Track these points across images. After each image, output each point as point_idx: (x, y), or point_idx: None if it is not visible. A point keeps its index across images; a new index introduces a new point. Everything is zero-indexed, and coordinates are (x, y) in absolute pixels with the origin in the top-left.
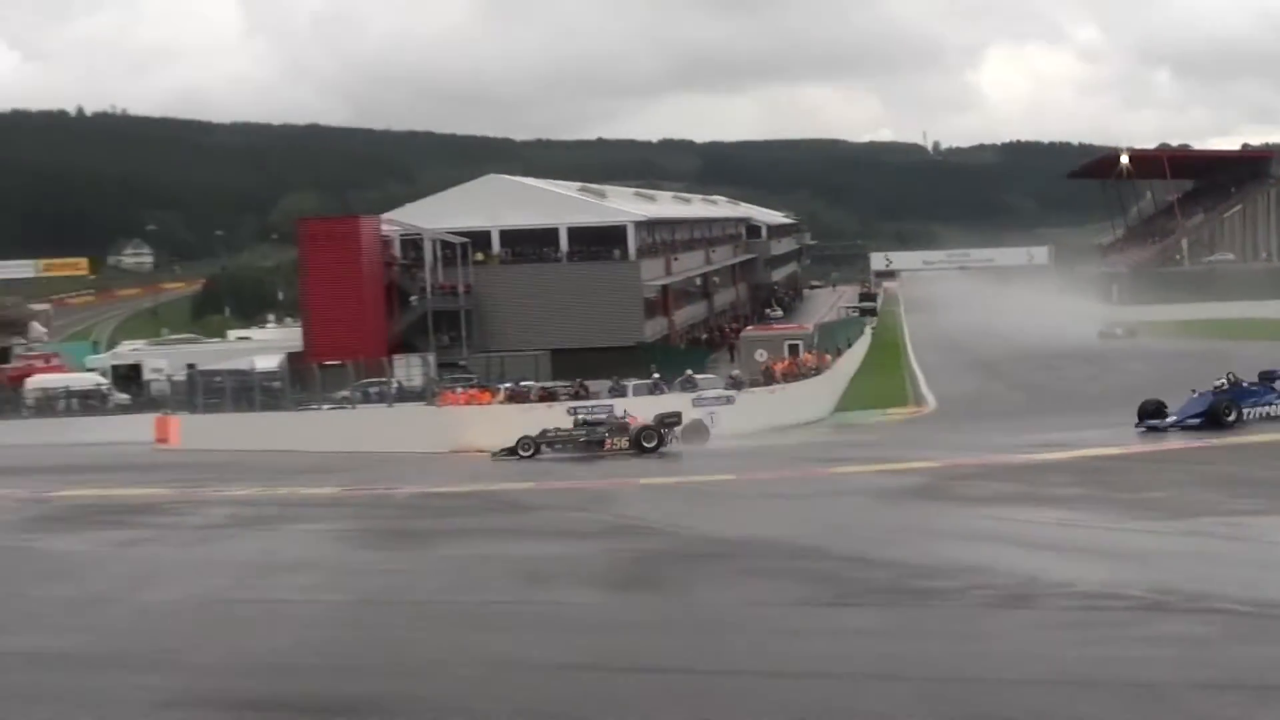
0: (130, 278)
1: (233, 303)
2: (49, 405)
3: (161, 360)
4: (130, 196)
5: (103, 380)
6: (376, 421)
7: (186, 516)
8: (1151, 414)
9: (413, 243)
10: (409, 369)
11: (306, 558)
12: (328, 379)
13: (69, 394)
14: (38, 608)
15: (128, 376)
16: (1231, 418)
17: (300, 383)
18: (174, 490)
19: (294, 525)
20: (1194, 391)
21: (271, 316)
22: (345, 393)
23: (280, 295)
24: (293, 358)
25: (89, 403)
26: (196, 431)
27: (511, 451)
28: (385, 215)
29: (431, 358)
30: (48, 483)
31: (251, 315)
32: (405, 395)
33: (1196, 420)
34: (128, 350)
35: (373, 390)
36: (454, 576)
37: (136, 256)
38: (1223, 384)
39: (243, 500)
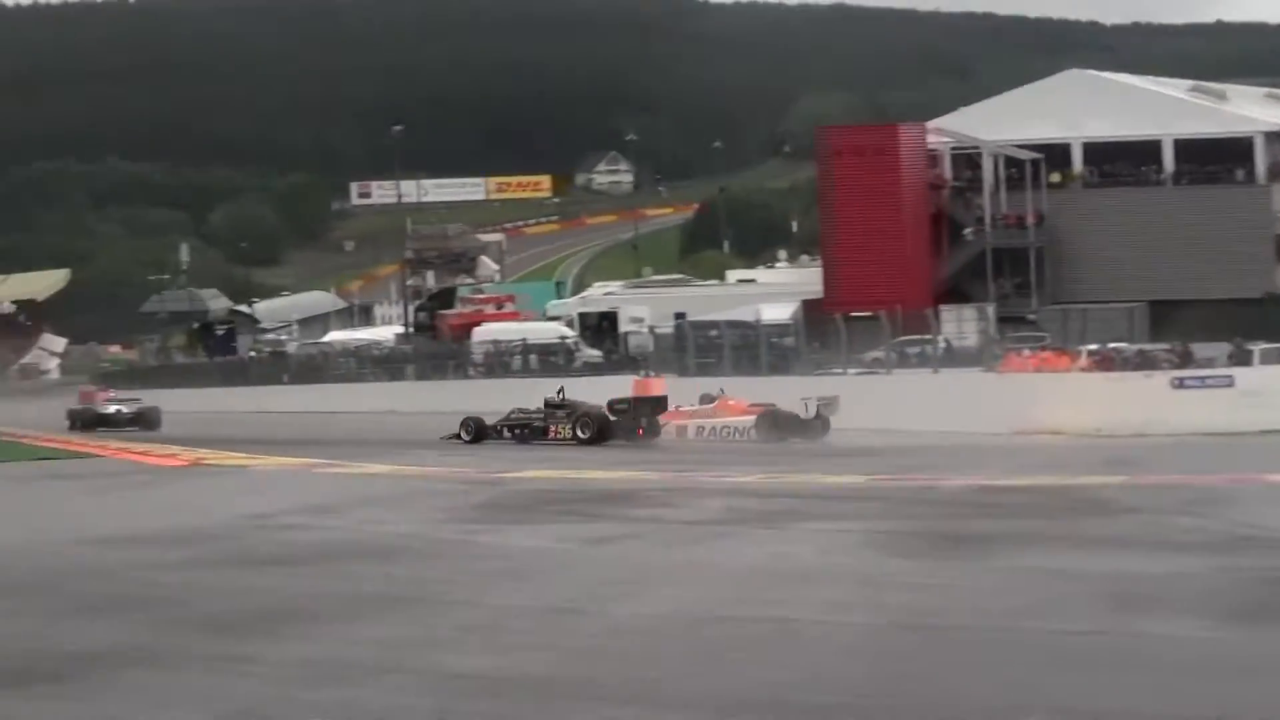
0: (603, 201)
1: (733, 235)
2: (500, 362)
3: (642, 307)
4: (604, 98)
5: (568, 332)
6: (917, 390)
7: (673, 509)
8: None
9: (968, 158)
10: (961, 323)
11: (825, 565)
12: (855, 334)
13: (526, 348)
14: (492, 619)
15: (599, 327)
16: None
17: (819, 339)
18: (657, 474)
19: (808, 523)
20: None
21: (783, 253)
22: (877, 353)
23: (794, 226)
24: (809, 306)
25: (551, 360)
26: (683, 398)
27: (456, 435)
28: (932, 123)
29: (991, 309)
30: (498, 461)
31: (757, 251)
32: (955, 358)
33: None
34: (600, 294)
35: (913, 350)
36: (1016, 596)
37: (612, 174)
38: None
39: (744, 489)
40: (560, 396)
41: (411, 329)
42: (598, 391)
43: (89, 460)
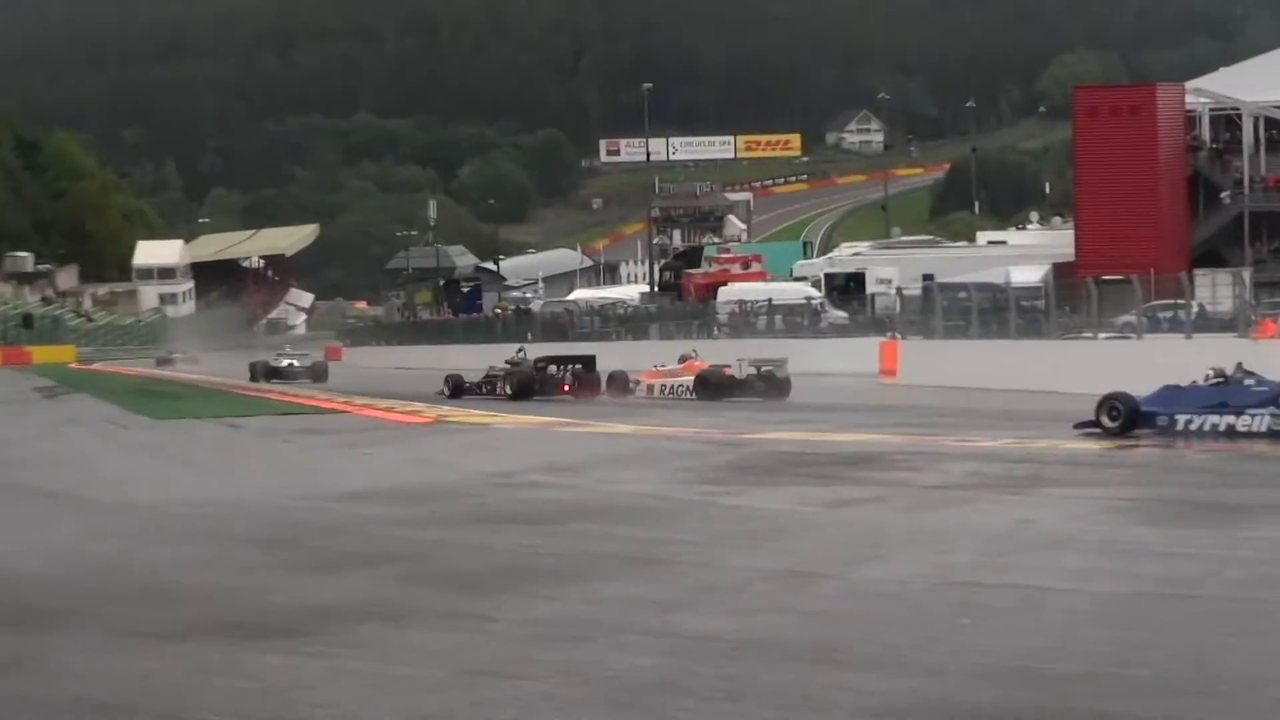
0: (853, 161)
1: (984, 196)
2: (745, 322)
3: (890, 268)
4: (855, 56)
5: (814, 292)
6: (1169, 356)
7: (917, 472)
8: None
9: (1227, 119)
10: (1215, 288)
11: (1070, 532)
12: (1106, 298)
13: (771, 308)
14: (731, 581)
15: (846, 288)
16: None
17: (1069, 303)
18: (902, 437)
19: (1054, 489)
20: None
21: (1035, 215)
22: (1128, 317)
23: (1048, 187)
24: (1060, 269)
25: (796, 320)
26: (930, 360)
27: (441, 390)
28: (1191, 83)
29: (1246, 274)
30: (749, 421)
31: (1008, 213)
32: (1208, 323)
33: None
34: (847, 255)
35: (1165, 315)
36: (1268, 566)
37: (862, 133)
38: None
39: (990, 454)
40: (520, 356)
41: (657, 288)
42: (854, 352)
43: (333, 416)
